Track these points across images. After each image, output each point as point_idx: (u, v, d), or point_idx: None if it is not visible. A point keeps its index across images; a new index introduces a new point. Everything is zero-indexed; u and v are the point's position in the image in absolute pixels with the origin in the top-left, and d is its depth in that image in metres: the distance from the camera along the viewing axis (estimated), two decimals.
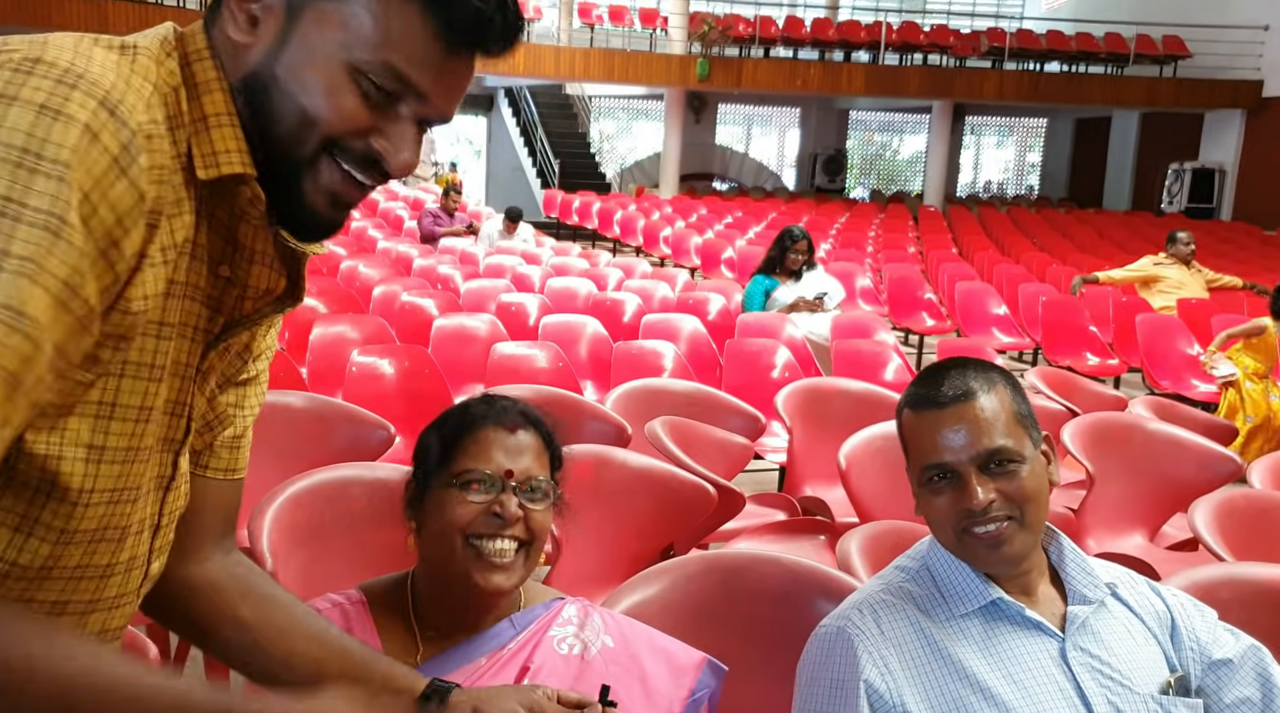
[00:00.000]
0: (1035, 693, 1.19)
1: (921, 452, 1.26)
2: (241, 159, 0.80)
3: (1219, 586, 1.70)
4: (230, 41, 0.80)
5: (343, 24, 0.78)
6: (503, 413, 1.25)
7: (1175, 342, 6.23)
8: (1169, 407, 3.71)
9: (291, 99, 0.79)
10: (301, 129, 0.79)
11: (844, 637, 1.24)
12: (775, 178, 22.60)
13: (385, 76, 0.79)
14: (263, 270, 0.88)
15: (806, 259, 5.50)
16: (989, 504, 1.21)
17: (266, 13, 0.79)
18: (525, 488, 1.21)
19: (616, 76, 16.60)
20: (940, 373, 1.28)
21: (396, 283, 5.66)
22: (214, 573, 1.00)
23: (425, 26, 0.78)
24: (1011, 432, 1.24)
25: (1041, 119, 23.06)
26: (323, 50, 0.78)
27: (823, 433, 3.15)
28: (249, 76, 0.80)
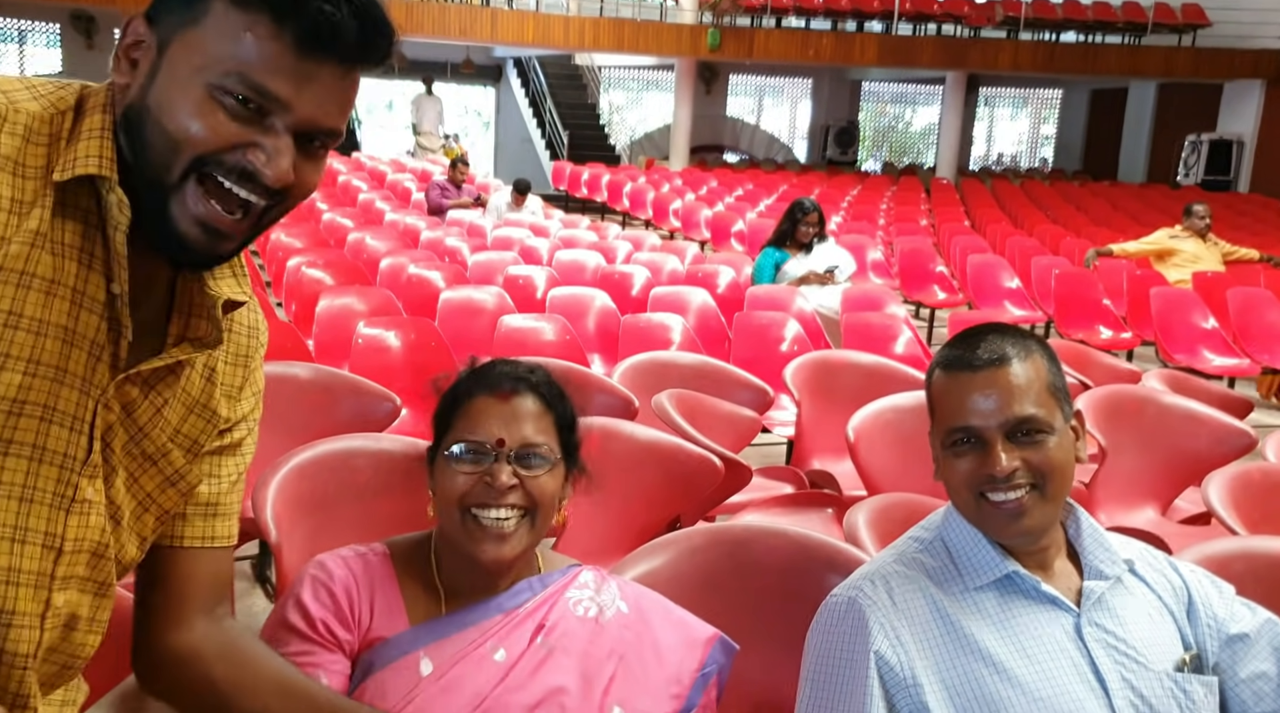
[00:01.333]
0: (1049, 669, 1.18)
1: (949, 413, 1.24)
2: (99, 163, 0.84)
3: (1233, 559, 1.67)
4: (116, 86, 0.86)
5: (200, 47, 0.83)
6: (498, 380, 1.24)
7: (1190, 315, 6.17)
8: (1184, 380, 3.67)
9: (159, 126, 0.83)
10: (168, 153, 0.83)
11: (855, 607, 1.22)
12: (786, 150, 22.43)
13: (243, 87, 0.82)
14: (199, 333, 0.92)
15: (817, 232, 5.45)
16: (1012, 472, 1.19)
17: (144, 53, 0.85)
18: (521, 455, 1.19)
19: (626, 46, 16.46)
20: (977, 337, 1.25)
21: (404, 255, 5.64)
22: (196, 640, 1.00)
23: (277, 35, 0.82)
24: (1043, 402, 1.21)
25: (1056, 90, 22.78)
26: (185, 74, 0.82)
27: (831, 406, 3.13)
28: (126, 110, 0.85)
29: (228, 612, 1.05)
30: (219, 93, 0.82)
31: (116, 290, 0.86)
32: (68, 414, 0.85)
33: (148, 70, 0.84)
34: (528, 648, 1.18)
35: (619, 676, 1.20)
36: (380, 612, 1.19)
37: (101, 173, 0.83)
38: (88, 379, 0.86)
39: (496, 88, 20.96)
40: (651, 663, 1.22)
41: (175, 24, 0.84)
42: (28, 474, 0.85)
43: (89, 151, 0.84)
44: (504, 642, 1.18)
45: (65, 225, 0.84)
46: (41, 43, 16.87)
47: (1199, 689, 1.21)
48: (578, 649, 1.20)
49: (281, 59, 0.82)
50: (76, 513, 0.88)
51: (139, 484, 0.93)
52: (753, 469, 2.62)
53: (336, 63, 0.85)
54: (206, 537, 1.00)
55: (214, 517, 1.00)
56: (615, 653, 1.21)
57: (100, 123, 0.85)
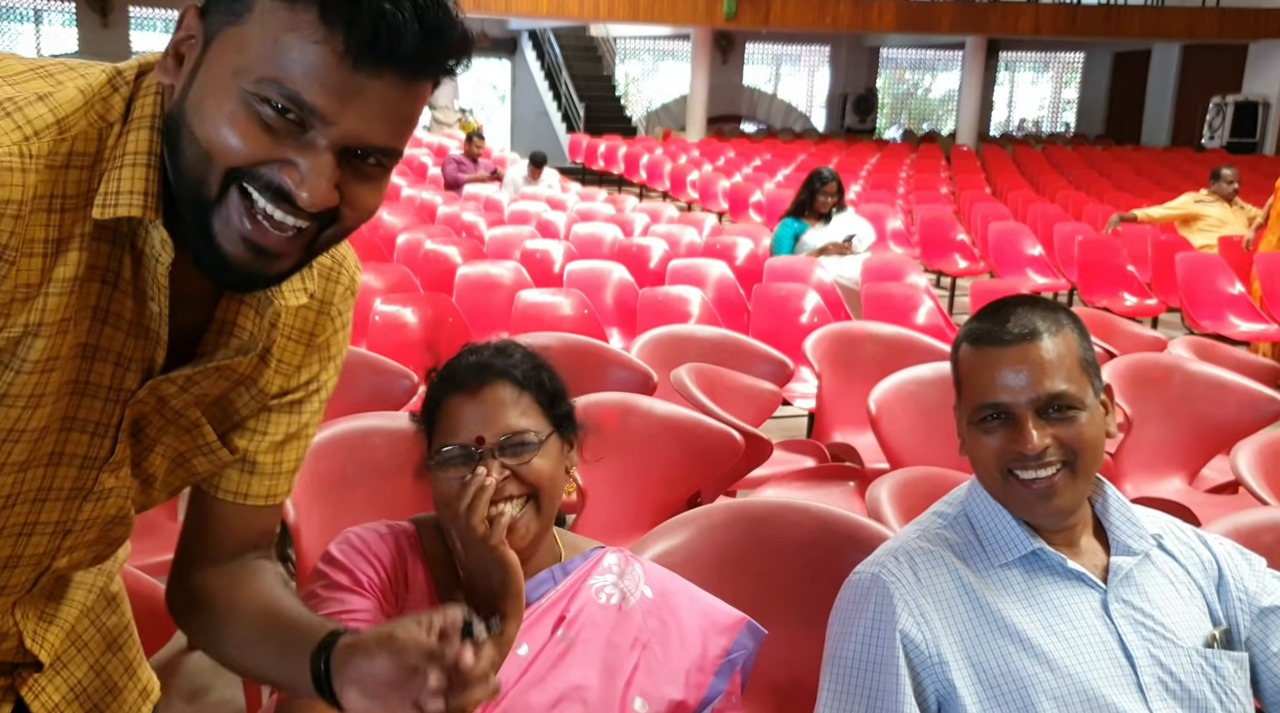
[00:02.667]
0: (1077, 645, 1.16)
1: (977, 389, 1.21)
2: (139, 202, 0.76)
3: (1263, 530, 1.64)
4: (162, 87, 0.78)
5: (241, 46, 0.73)
6: (465, 374, 1.19)
7: (1216, 280, 6.08)
8: (1210, 347, 3.61)
9: (192, 134, 0.74)
10: (202, 165, 0.74)
11: (879, 584, 1.20)
12: (804, 119, 22.22)
13: (279, 97, 0.72)
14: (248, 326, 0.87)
15: (836, 201, 5.40)
16: (1043, 450, 1.16)
17: (190, 49, 0.76)
18: (505, 445, 1.15)
19: (642, 16, 16.30)
20: (1005, 310, 1.22)
21: (420, 231, 5.62)
22: (213, 579, 0.98)
23: (325, 39, 0.71)
24: (1074, 377, 1.18)
25: (1078, 53, 22.43)
26: (222, 76, 0.73)
27: (852, 378, 3.10)
28: (167, 118, 0.76)
29: (262, 555, 1.01)
30: (255, 100, 0.72)
31: (155, 309, 0.82)
32: (90, 421, 0.83)
33: (190, 70, 0.75)
34: (548, 641, 1.16)
35: (642, 665, 1.18)
36: (415, 588, 1.17)
37: (143, 216, 0.76)
38: (115, 387, 0.83)
39: (512, 60, 20.84)
40: (676, 650, 1.21)
41: (221, 19, 0.74)
42: (44, 478, 0.83)
43: (132, 186, 0.75)
44: (525, 635, 1.15)
45: (94, 247, 0.78)
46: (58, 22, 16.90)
47: (1229, 665, 1.18)
48: (600, 640, 1.18)
49: (327, 67, 0.71)
50: (94, 499, 0.88)
51: (173, 447, 0.91)
52: (773, 443, 2.61)
53: (394, 73, 0.73)
54: (240, 493, 0.96)
55: (250, 474, 0.95)
56: (639, 642, 1.19)
57: (145, 143, 0.77)
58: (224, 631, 0.96)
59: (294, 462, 0.99)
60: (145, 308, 0.82)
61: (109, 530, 0.92)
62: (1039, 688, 1.14)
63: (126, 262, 0.80)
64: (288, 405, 0.95)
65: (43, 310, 0.75)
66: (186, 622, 1.00)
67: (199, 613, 0.98)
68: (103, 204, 0.76)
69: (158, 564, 1.95)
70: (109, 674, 1.01)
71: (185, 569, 0.99)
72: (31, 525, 0.85)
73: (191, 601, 0.98)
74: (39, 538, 0.86)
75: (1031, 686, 1.14)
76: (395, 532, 1.21)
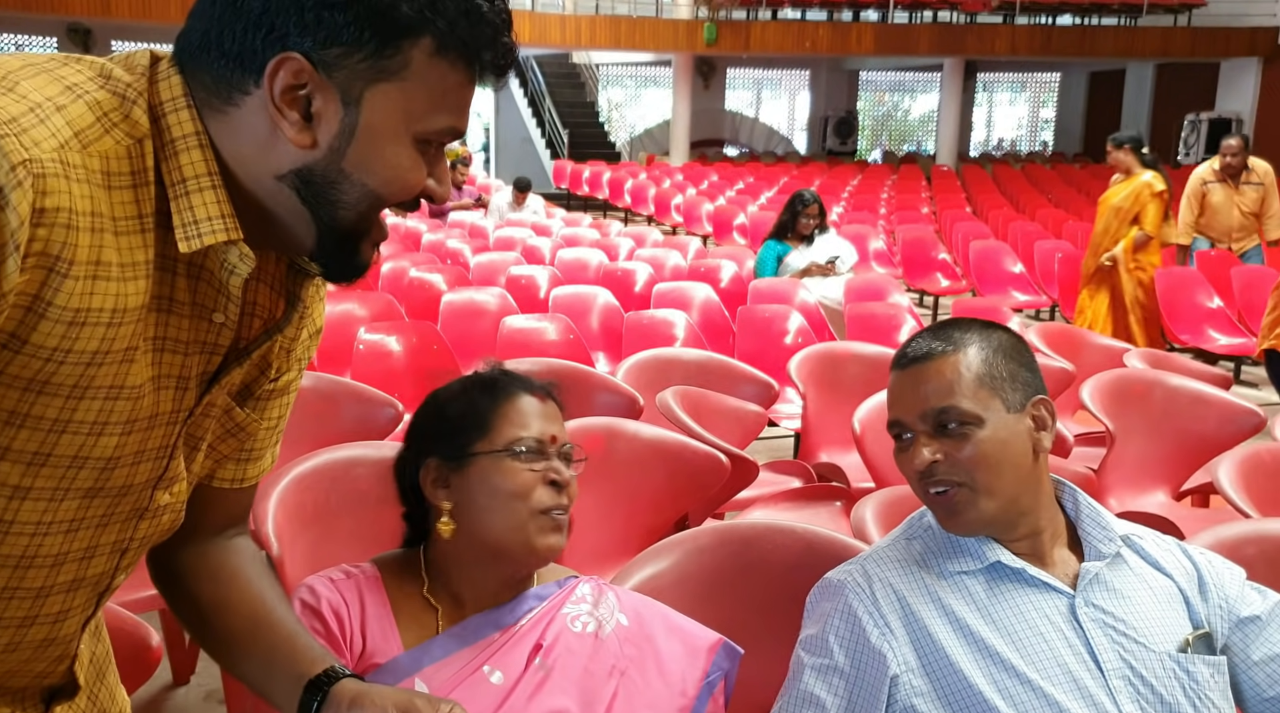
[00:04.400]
0: (1041, 652, 1.17)
1: (888, 408, 1.28)
2: (225, 226, 0.77)
3: (1245, 543, 1.65)
4: (270, 134, 0.76)
5: (404, 101, 0.77)
6: (533, 384, 1.26)
7: (1194, 295, 6.14)
8: (1164, 358, 3.66)
9: (360, 187, 0.78)
10: (370, 209, 0.80)
11: (842, 591, 1.24)
12: (786, 142, 22.38)
13: (444, 136, 0.81)
14: (265, 303, 0.88)
15: (818, 223, 5.43)
16: (931, 464, 1.21)
17: (323, 108, 0.76)
18: (564, 454, 1.22)
19: (623, 43, 16.44)
20: (921, 333, 1.29)
21: (405, 258, 5.63)
22: (196, 558, 1.00)
23: (462, 74, 0.79)
24: (973, 394, 1.21)
25: (1054, 73, 22.71)
26: (389, 133, 0.78)
27: (837, 398, 3.12)
28: (305, 171, 0.77)
29: (241, 531, 1.04)
30: (423, 143, 0.80)
31: (219, 319, 0.83)
32: (154, 449, 0.84)
33: (338, 132, 0.76)
34: (525, 671, 1.16)
35: (620, 693, 1.18)
36: (373, 634, 1.16)
37: (230, 238, 0.77)
38: (176, 410, 0.84)
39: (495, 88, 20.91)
40: (654, 676, 1.20)
41: (363, 76, 0.76)
42: (109, 506, 0.84)
43: (208, 212, 0.76)
44: (501, 663, 1.15)
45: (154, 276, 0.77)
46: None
47: (1204, 670, 1.19)
48: (577, 668, 1.17)
49: (469, 96, 0.81)
50: (149, 518, 0.88)
51: (206, 443, 0.92)
52: (760, 464, 2.61)
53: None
54: (237, 479, 0.98)
55: (247, 461, 0.97)
56: (617, 669, 1.19)
57: (203, 164, 0.76)
58: (211, 624, 0.98)
59: (279, 435, 1.01)
60: (201, 323, 0.82)
61: (163, 538, 0.93)
62: (1001, 696, 1.14)
63: (180, 284, 0.80)
64: (280, 391, 0.96)
65: (112, 339, 0.74)
66: (167, 596, 1.02)
67: (184, 597, 1.00)
68: (185, 237, 0.76)
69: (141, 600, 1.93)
70: (101, 703, 1.01)
71: (168, 548, 0.98)
72: (93, 549, 0.85)
73: (175, 580, 1.00)
74: (99, 559, 0.86)
75: (993, 693, 1.14)
76: (355, 578, 1.20)
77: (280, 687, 0.94)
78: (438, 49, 0.77)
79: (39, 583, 0.83)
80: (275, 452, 1.02)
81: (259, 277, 0.88)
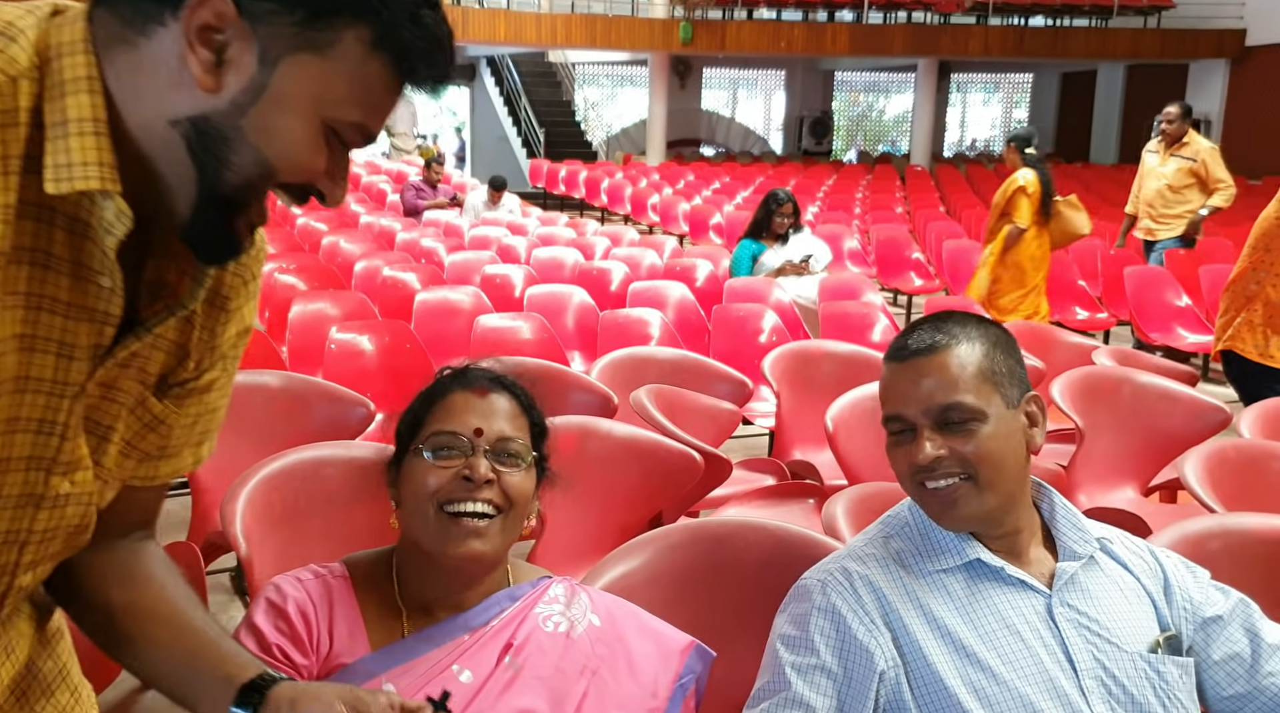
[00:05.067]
0: (1015, 650, 1.18)
1: (885, 402, 1.26)
2: (102, 174, 0.73)
3: (1209, 537, 1.68)
4: (175, 71, 0.73)
5: (322, 79, 0.75)
6: (473, 379, 1.22)
7: (1163, 294, 6.21)
8: (1131, 355, 3.71)
9: (254, 151, 0.76)
10: (259, 179, 0.77)
11: (825, 589, 1.23)
12: (762, 142, 22.45)
13: (353, 133, 0.79)
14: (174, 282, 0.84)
15: (793, 222, 5.45)
16: (935, 459, 1.19)
17: (237, 57, 0.73)
18: (498, 449, 1.17)
19: (599, 42, 16.42)
20: (914, 327, 1.27)
21: (379, 258, 5.60)
22: (102, 562, 0.95)
23: (390, 78, 0.78)
24: (976, 389, 1.20)
25: (1027, 74, 22.91)
26: (297, 105, 0.76)
27: (811, 396, 3.13)
28: (202, 119, 0.74)
29: (149, 535, 0.99)
30: (330, 133, 0.77)
31: (106, 283, 0.78)
32: (34, 419, 0.79)
33: (247, 86, 0.74)
34: (495, 669, 1.15)
35: (591, 692, 1.17)
36: (340, 635, 1.15)
37: (105, 187, 0.73)
38: (59, 381, 0.79)
39: (471, 87, 20.87)
40: (625, 677, 1.20)
41: (289, 40, 0.74)
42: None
43: (86, 157, 0.71)
44: (470, 662, 1.14)
45: (18, 224, 0.73)
46: None
47: (1173, 670, 1.20)
48: (548, 668, 1.17)
49: (389, 101, 0.79)
50: (48, 508, 0.84)
51: (123, 435, 0.88)
52: (734, 462, 2.62)
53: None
54: (148, 476, 0.94)
55: (159, 459, 0.93)
56: (588, 669, 1.18)
57: (90, 109, 0.72)
58: (123, 629, 0.94)
59: (199, 436, 0.97)
60: (87, 286, 0.78)
61: (73, 540, 0.88)
62: (975, 696, 1.15)
63: (58, 237, 0.75)
64: (200, 390, 0.93)
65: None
66: (69, 606, 0.97)
67: (89, 602, 0.95)
68: (55, 178, 0.72)
69: None
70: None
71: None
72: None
73: (77, 584, 0.94)
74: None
75: (967, 694, 1.15)
76: (323, 578, 1.19)
77: (206, 691, 0.90)
78: (374, 42, 0.76)
79: None
80: (198, 454, 0.97)
81: (167, 254, 0.84)
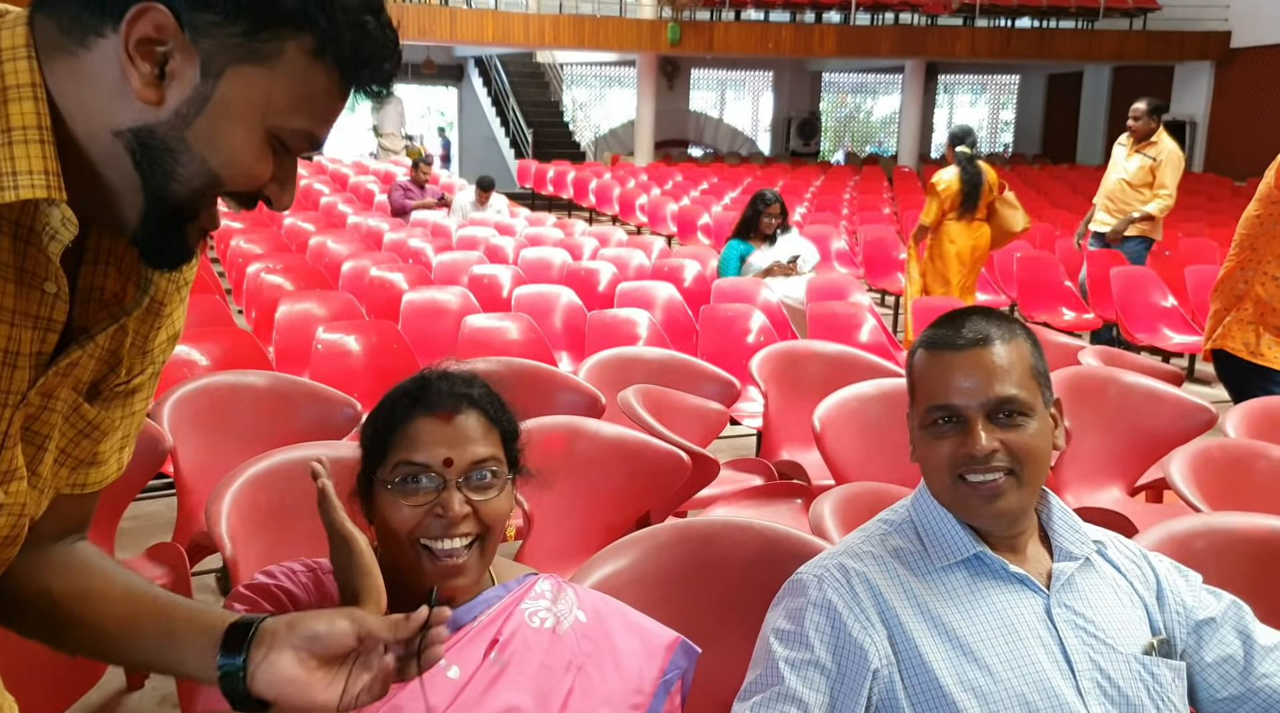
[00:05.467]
0: (1016, 649, 1.18)
1: (930, 393, 1.23)
2: (48, 182, 0.73)
3: (1194, 537, 1.69)
4: (117, 82, 0.73)
5: (265, 90, 0.76)
6: (436, 398, 1.16)
7: (1149, 295, 6.24)
8: (1117, 355, 3.72)
9: (199, 162, 0.76)
10: (205, 188, 0.77)
11: (821, 585, 1.22)
12: (750, 143, 22.48)
13: (299, 140, 0.79)
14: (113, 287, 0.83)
15: (780, 222, 5.46)
16: (991, 452, 1.19)
17: (179, 69, 0.73)
18: (470, 475, 1.14)
19: (587, 43, 16.40)
20: (961, 317, 1.26)
21: (366, 258, 5.58)
22: (36, 562, 0.93)
23: (334, 84, 0.78)
24: (1025, 385, 1.21)
25: (1014, 76, 23.00)
26: (242, 115, 0.76)
27: (798, 396, 3.13)
28: (145, 131, 0.74)
29: (81, 538, 0.97)
30: (275, 140, 0.78)
31: (51, 289, 0.77)
32: None
33: (189, 98, 0.74)
34: (481, 664, 1.15)
35: (577, 688, 1.17)
36: None
37: (51, 197, 0.72)
38: (4, 390, 0.78)
39: (459, 87, 20.83)
40: (611, 673, 1.20)
41: (230, 52, 0.74)
42: None
43: (31, 165, 0.71)
44: (457, 658, 1.14)
45: None
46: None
47: (1167, 673, 1.21)
48: (533, 663, 1.16)
49: (335, 108, 0.80)
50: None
51: (58, 443, 0.86)
52: (721, 463, 2.62)
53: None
54: (77, 484, 0.92)
55: (89, 465, 0.92)
56: (574, 665, 1.18)
57: (34, 117, 0.72)
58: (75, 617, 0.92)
59: (127, 440, 0.96)
60: (31, 292, 0.77)
61: (3, 553, 0.86)
62: (972, 693, 1.15)
63: (2, 243, 0.74)
64: (126, 394, 0.92)
65: None
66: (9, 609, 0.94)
67: (30, 601, 0.93)
68: (0, 187, 0.71)
69: None
70: None
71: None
72: None
73: (16, 583, 0.92)
74: None
75: (962, 694, 1.15)
76: (314, 572, 1.18)
77: (189, 647, 0.88)
78: (316, 51, 0.76)
79: None
80: (121, 459, 0.96)
81: (107, 259, 0.83)
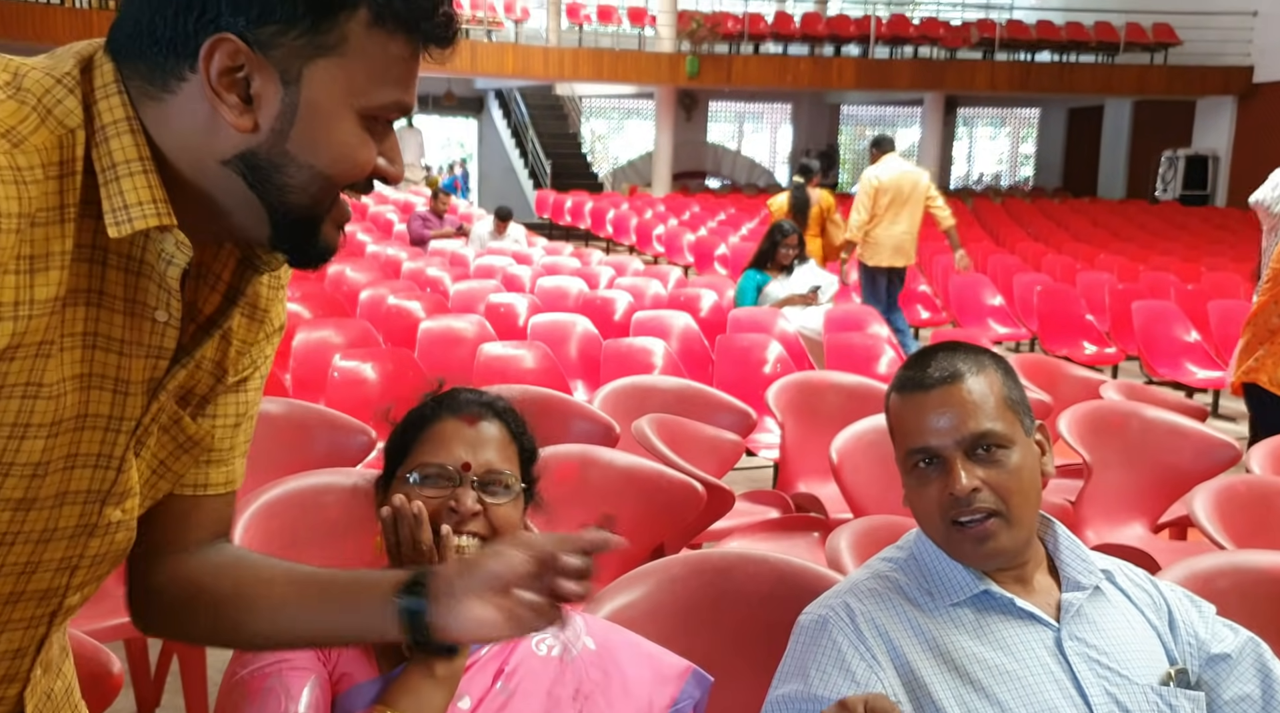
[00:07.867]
0: (1028, 684, 1.15)
1: (906, 436, 1.22)
2: (158, 210, 0.74)
3: (1218, 575, 1.65)
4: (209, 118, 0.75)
5: (345, 76, 0.76)
6: (463, 405, 1.21)
7: (1172, 328, 6.19)
8: (1141, 390, 3.68)
9: (308, 169, 0.77)
10: (321, 192, 0.78)
11: (826, 627, 1.20)
12: (768, 174, 22.56)
13: (390, 112, 0.79)
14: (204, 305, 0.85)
15: (797, 253, 5.46)
16: (973, 491, 1.17)
17: (262, 88, 0.74)
18: (485, 481, 1.17)
19: (606, 75, 16.57)
20: (928, 356, 1.25)
21: (384, 286, 5.61)
22: (191, 566, 0.95)
23: (403, 47, 0.78)
24: (1001, 416, 1.19)
25: (1034, 109, 23.02)
26: (331, 110, 0.76)
27: (815, 428, 3.11)
28: (249, 155, 0.76)
29: (226, 541, 0.99)
30: (369, 120, 0.78)
31: (162, 317, 0.79)
32: (92, 454, 0.80)
33: (280, 112, 0.75)
34: (487, 693, 1.14)
35: None
36: (350, 654, 1.14)
37: (162, 223, 0.74)
38: (117, 416, 0.80)
39: (479, 119, 21.05)
40: (620, 701, 1.19)
41: (300, 53, 0.74)
42: (48, 520, 0.80)
43: (140, 196, 0.73)
44: (468, 688, 1.13)
45: (73, 267, 0.74)
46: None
47: (1186, 704, 1.18)
48: (540, 692, 1.15)
49: (414, 69, 0.80)
50: (100, 535, 0.84)
51: (156, 455, 0.88)
52: (737, 494, 2.59)
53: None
54: (200, 484, 0.93)
55: (209, 465, 0.93)
56: (581, 693, 1.17)
57: (134, 149, 0.74)
58: (243, 609, 0.93)
59: (245, 445, 0.97)
60: (141, 322, 0.79)
61: (119, 561, 0.89)
62: None
63: (111, 276, 0.77)
64: (235, 385, 0.92)
65: (22, 333, 0.71)
66: (168, 620, 0.96)
67: (190, 605, 0.94)
68: (115, 222, 0.73)
69: (106, 629, 1.89)
70: None
71: (153, 570, 0.94)
72: (35, 564, 0.81)
73: (174, 589, 0.94)
74: (43, 574, 0.83)
75: None
76: None
77: (366, 611, 0.89)
78: (374, 20, 0.76)
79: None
80: (244, 465, 0.97)
81: (199, 275, 0.85)
